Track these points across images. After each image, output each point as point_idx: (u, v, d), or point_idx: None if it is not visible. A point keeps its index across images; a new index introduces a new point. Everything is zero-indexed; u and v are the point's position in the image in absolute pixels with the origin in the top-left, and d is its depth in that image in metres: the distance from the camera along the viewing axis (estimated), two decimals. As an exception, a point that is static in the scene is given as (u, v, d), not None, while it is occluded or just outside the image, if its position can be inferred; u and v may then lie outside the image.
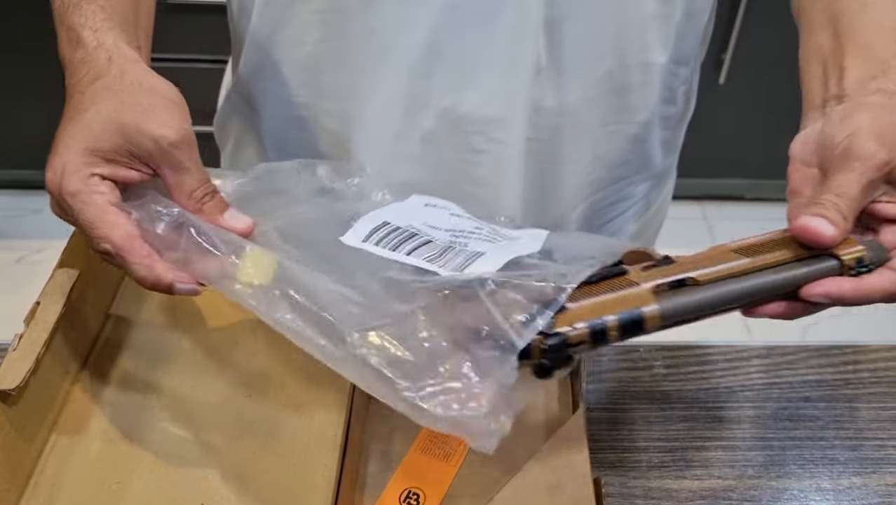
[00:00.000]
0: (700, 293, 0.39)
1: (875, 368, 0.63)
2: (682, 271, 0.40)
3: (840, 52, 0.49)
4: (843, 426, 0.59)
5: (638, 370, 0.63)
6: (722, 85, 1.81)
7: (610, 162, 0.66)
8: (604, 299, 0.38)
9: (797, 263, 0.41)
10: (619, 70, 0.60)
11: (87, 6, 0.47)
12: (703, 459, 0.57)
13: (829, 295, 0.41)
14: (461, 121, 0.59)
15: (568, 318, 0.38)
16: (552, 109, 0.59)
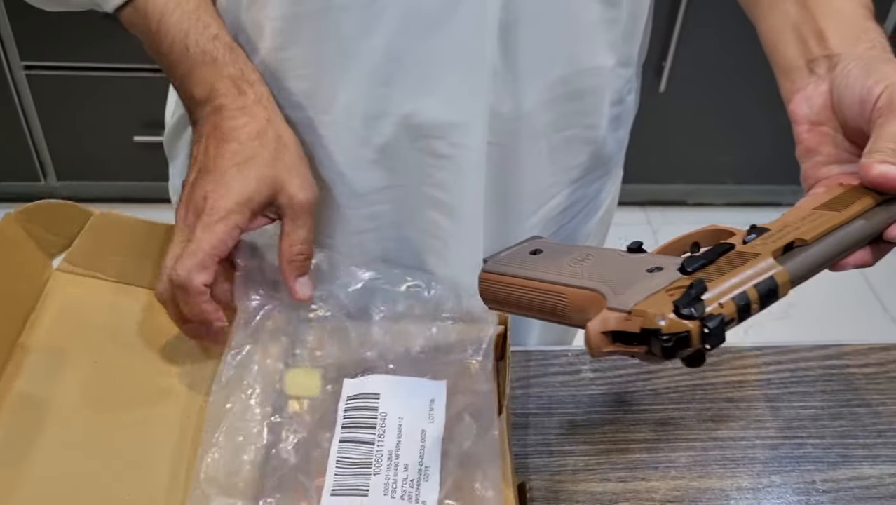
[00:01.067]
0: (814, 250, 0.40)
1: (795, 369, 0.64)
2: (786, 236, 0.41)
3: (811, 18, 0.53)
4: (764, 426, 0.60)
5: (565, 375, 0.63)
6: (662, 93, 1.84)
7: (566, 165, 0.67)
8: (739, 276, 0.37)
9: (877, 207, 0.44)
10: (571, 75, 0.61)
11: (238, 53, 0.56)
12: (626, 461, 0.57)
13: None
14: (422, 126, 0.59)
15: (713, 298, 0.36)
16: (509, 114, 0.60)
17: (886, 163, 0.44)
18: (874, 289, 1.94)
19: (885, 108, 0.47)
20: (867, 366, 0.65)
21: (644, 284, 0.39)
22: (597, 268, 0.42)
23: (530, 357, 0.64)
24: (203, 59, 0.55)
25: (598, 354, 0.38)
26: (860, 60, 0.50)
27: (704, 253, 0.41)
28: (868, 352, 0.66)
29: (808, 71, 0.53)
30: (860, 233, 0.43)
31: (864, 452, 0.59)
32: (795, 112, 0.52)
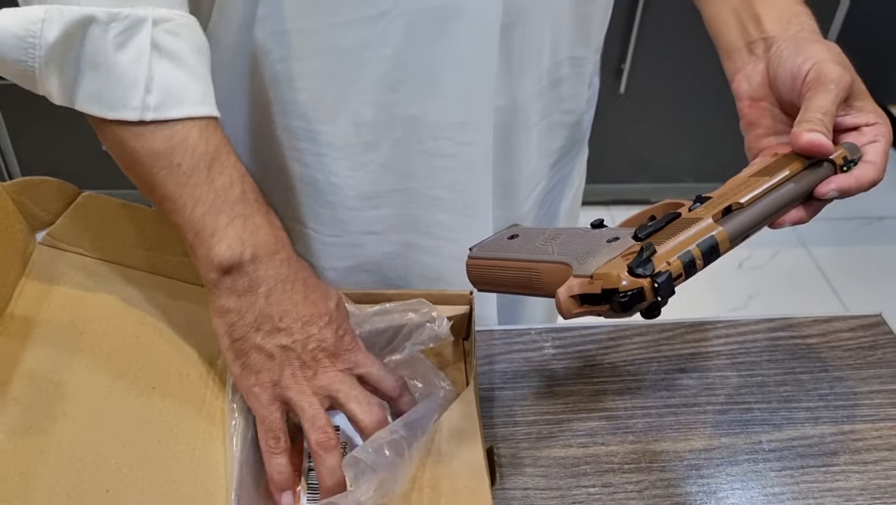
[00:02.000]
0: (749, 212, 0.46)
1: (743, 341, 0.69)
2: (725, 201, 0.46)
3: (749, 4, 0.59)
4: (715, 393, 0.64)
5: (529, 351, 0.67)
6: (623, 94, 1.89)
7: (549, 149, 0.72)
8: (682, 237, 0.44)
9: (805, 171, 0.50)
10: (553, 65, 0.65)
11: None
12: (587, 428, 0.61)
13: (840, 188, 0.50)
14: (430, 127, 0.61)
15: (661, 258, 0.42)
16: (505, 109, 0.64)
17: (814, 131, 0.50)
18: (830, 281, 2.01)
19: (813, 83, 0.52)
20: (809, 337, 0.69)
21: (603, 252, 0.44)
22: (564, 244, 0.48)
23: (495, 336, 0.68)
24: (259, 208, 0.51)
25: (569, 315, 0.44)
26: (791, 42, 0.56)
27: (655, 221, 0.46)
28: (811, 324, 0.71)
29: (747, 52, 0.58)
30: (790, 194, 0.48)
31: (806, 414, 0.63)
32: (737, 89, 0.58)
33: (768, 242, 2.09)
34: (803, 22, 0.58)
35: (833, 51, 0.54)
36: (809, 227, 2.19)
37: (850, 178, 0.51)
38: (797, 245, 2.11)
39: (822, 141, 0.50)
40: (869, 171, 0.52)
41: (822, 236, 2.13)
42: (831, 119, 0.52)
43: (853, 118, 0.54)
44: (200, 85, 0.50)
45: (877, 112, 0.55)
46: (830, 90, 0.52)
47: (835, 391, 0.65)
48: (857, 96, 0.54)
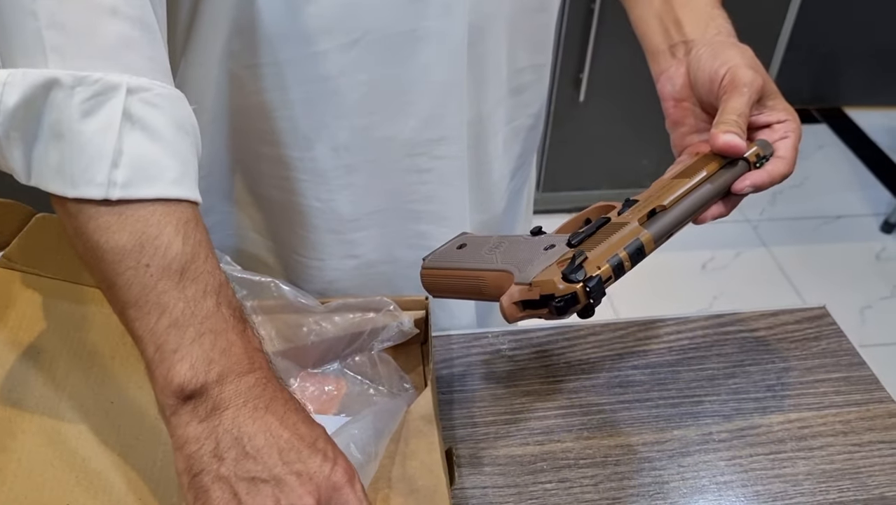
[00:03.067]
0: (672, 213, 0.50)
1: (693, 337, 0.71)
2: (650, 205, 0.50)
3: (670, 8, 0.62)
4: (666, 388, 0.66)
5: (486, 354, 0.68)
6: (582, 102, 1.92)
7: (514, 153, 0.74)
8: (611, 241, 0.47)
9: (721, 170, 0.54)
10: (513, 74, 0.68)
11: None
12: (543, 426, 0.63)
13: (754, 184, 0.54)
14: (405, 145, 0.63)
15: (592, 263, 0.46)
16: (473, 121, 0.66)
17: (729, 132, 0.54)
18: (791, 279, 2.05)
19: (729, 86, 0.56)
20: (757, 330, 0.72)
21: (541, 260, 0.48)
22: (507, 252, 0.51)
23: (452, 340, 0.69)
24: (235, 325, 0.43)
25: (512, 320, 0.48)
26: (709, 46, 0.59)
27: (586, 228, 0.50)
28: (759, 318, 0.73)
29: (670, 55, 0.62)
30: (708, 194, 0.53)
31: (755, 404, 0.65)
32: (662, 90, 0.62)
33: (731, 243, 2.14)
34: (720, 25, 0.61)
35: (747, 55, 0.58)
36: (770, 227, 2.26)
37: (763, 174, 0.55)
38: (759, 245, 2.15)
39: (736, 142, 0.54)
40: (780, 166, 0.56)
41: (782, 236, 2.18)
42: (745, 119, 0.55)
43: (766, 116, 0.58)
44: (178, 163, 0.43)
45: (787, 110, 0.58)
46: (744, 93, 0.55)
47: (782, 382, 0.67)
48: (769, 96, 0.58)
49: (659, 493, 0.58)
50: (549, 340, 0.70)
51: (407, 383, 0.60)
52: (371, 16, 0.57)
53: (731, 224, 2.21)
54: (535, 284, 0.46)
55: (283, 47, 0.57)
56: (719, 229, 2.45)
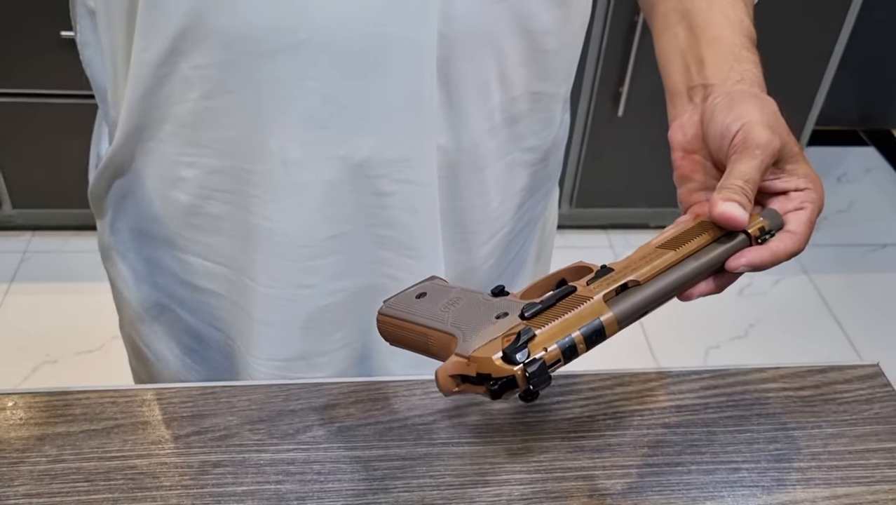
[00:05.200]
0: (643, 292, 0.44)
1: (732, 393, 0.65)
2: (622, 277, 0.45)
3: (696, 44, 0.55)
4: (700, 451, 0.60)
5: (500, 402, 0.63)
6: (621, 117, 1.86)
7: (511, 191, 0.68)
8: (565, 321, 0.42)
9: (714, 244, 0.48)
10: (506, 102, 0.62)
11: None
12: (561, 489, 0.57)
13: (750, 264, 0.48)
14: (362, 166, 0.58)
15: (539, 343, 0.41)
16: (448, 148, 0.60)
17: (730, 200, 0.47)
18: (832, 310, 1.96)
19: (740, 146, 0.49)
20: (803, 389, 0.65)
21: (488, 330, 0.44)
22: (461, 312, 0.47)
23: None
24: None
25: (447, 393, 0.44)
26: (726, 96, 0.52)
27: (545, 298, 0.45)
28: (805, 375, 0.67)
29: (687, 98, 0.55)
30: (692, 272, 0.46)
31: (797, 475, 0.59)
32: (672, 138, 0.55)
33: (771, 269, 2.05)
34: (745, 70, 0.54)
35: (767, 110, 0.51)
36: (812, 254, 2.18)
37: (763, 252, 0.49)
38: (799, 272, 2.07)
39: (735, 213, 0.47)
40: (787, 244, 0.49)
41: (825, 263, 2.09)
42: (753, 186, 0.49)
43: (783, 182, 0.51)
44: None
45: (808, 177, 0.52)
46: (756, 156, 0.49)
47: (828, 450, 0.61)
48: (789, 159, 0.51)
49: (687, 575, 0.52)
50: (573, 389, 0.64)
51: None
52: (320, 14, 0.52)
53: (771, 248, 2.13)
54: (473, 359, 0.42)
55: (230, 45, 0.53)
56: (758, 253, 2.38)
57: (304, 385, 0.63)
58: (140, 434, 0.59)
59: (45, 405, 0.61)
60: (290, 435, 0.60)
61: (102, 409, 0.61)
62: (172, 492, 0.55)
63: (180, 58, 0.55)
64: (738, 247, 0.48)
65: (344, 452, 0.58)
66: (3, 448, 0.57)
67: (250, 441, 0.59)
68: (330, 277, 0.64)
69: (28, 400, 0.61)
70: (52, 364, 1.68)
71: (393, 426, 0.60)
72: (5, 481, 0.55)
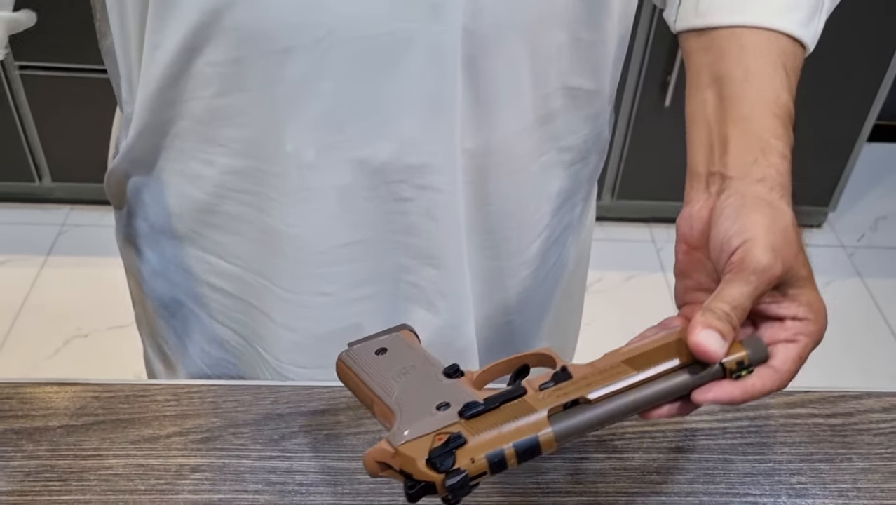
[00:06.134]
0: (591, 412, 0.42)
1: (755, 417, 0.60)
2: (575, 392, 0.42)
3: (723, 119, 0.49)
4: (714, 480, 0.55)
5: (503, 416, 0.59)
6: (668, 107, 1.79)
7: (548, 194, 0.64)
8: (501, 431, 0.41)
9: (682, 369, 0.44)
10: (539, 99, 0.57)
11: None
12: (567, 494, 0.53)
13: (718, 400, 0.43)
14: (380, 171, 0.55)
15: (468, 451, 0.40)
16: (476, 151, 0.57)
17: (710, 328, 0.42)
18: (885, 316, 1.87)
19: (736, 266, 0.44)
20: (834, 416, 0.60)
21: (424, 422, 0.42)
22: (407, 386, 0.46)
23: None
24: None
25: (373, 475, 0.43)
26: (740, 197, 0.46)
27: (489, 398, 0.43)
28: (837, 400, 0.61)
29: (705, 184, 0.49)
30: (647, 398, 0.43)
31: (821, 514, 0.54)
32: (679, 228, 0.49)
33: (821, 270, 1.95)
34: (770, 166, 0.47)
35: (777, 225, 0.45)
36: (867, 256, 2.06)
37: (734, 389, 0.43)
38: (852, 275, 1.97)
39: (710, 348, 0.42)
40: (765, 382, 0.44)
41: (880, 267, 1.99)
42: (742, 314, 0.43)
43: (781, 308, 0.46)
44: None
45: (811, 306, 0.46)
46: (750, 282, 0.43)
47: (858, 486, 0.55)
48: (792, 283, 0.45)
49: None
50: (580, 405, 0.60)
51: None
52: (338, 11, 0.48)
53: (824, 249, 2.04)
54: (399, 453, 0.41)
55: (246, 42, 0.50)
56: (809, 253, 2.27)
57: (295, 387, 0.60)
58: (120, 432, 0.57)
59: (25, 397, 0.59)
60: (274, 441, 0.57)
61: (84, 403, 0.58)
62: (146, 497, 0.53)
63: (195, 54, 0.53)
64: (709, 378, 0.44)
65: (329, 463, 0.55)
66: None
67: (232, 445, 0.56)
68: (348, 285, 0.61)
69: (7, 391, 0.59)
70: (83, 338, 1.69)
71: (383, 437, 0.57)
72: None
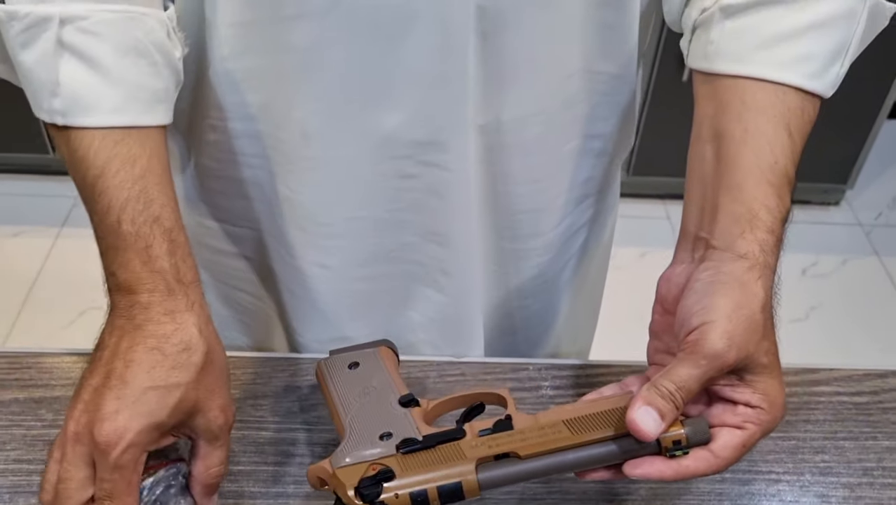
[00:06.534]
0: (518, 468, 0.44)
1: (778, 394, 0.59)
2: (509, 444, 0.44)
3: (717, 182, 0.48)
4: (737, 457, 0.55)
5: (524, 391, 0.58)
6: (686, 82, 1.76)
7: (573, 183, 0.62)
8: (429, 472, 0.43)
9: (619, 439, 0.44)
10: (560, 80, 0.56)
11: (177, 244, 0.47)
12: (579, 490, 0.53)
13: (648, 477, 0.44)
14: (386, 144, 0.55)
15: (395, 486, 0.43)
16: (489, 128, 0.55)
17: (650, 406, 0.42)
18: (902, 294, 1.85)
19: (690, 347, 0.43)
20: (860, 394, 0.59)
21: (365, 449, 0.45)
22: (364, 408, 0.49)
23: (487, 369, 0.60)
24: (135, 242, 0.45)
25: (314, 488, 0.46)
26: (715, 273, 0.45)
27: (427, 436, 0.45)
28: (862, 378, 0.60)
29: (692, 246, 0.48)
30: (574, 463, 0.44)
31: (845, 492, 0.53)
32: (658, 288, 0.49)
33: (838, 248, 1.95)
34: (755, 241, 0.45)
35: (741, 312, 0.43)
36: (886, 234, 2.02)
37: (666, 468, 0.43)
38: (870, 253, 1.95)
39: (643, 427, 0.42)
40: (700, 466, 0.44)
41: (898, 245, 1.97)
42: (686, 396, 0.43)
43: (734, 392, 0.45)
44: (119, 90, 0.46)
45: (767, 395, 0.44)
46: (700, 366, 0.43)
47: (883, 465, 0.55)
48: (751, 369, 0.44)
49: None
50: (599, 380, 0.59)
51: None
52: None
53: (841, 227, 2.02)
54: (334, 476, 0.44)
55: (259, 5, 0.50)
56: (826, 231, 2.25)
57: (314, 360, 0.60)
58: (139, 403, 0.56)
59: (45, 366, 0.59)
60: (293, 413, 0.57)
61: (103, 374, 0.58)
62: (166, 467, 0.52)
63: (211, 7, 0.52)
64: (643, 452, 0.44)
65: (348, 436, 0.55)
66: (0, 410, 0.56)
67: (251, 417, 0.56)
68: (349, 261, 0.61)
69: (27, 360, 0.59)
70: (97, 310, 1.69)
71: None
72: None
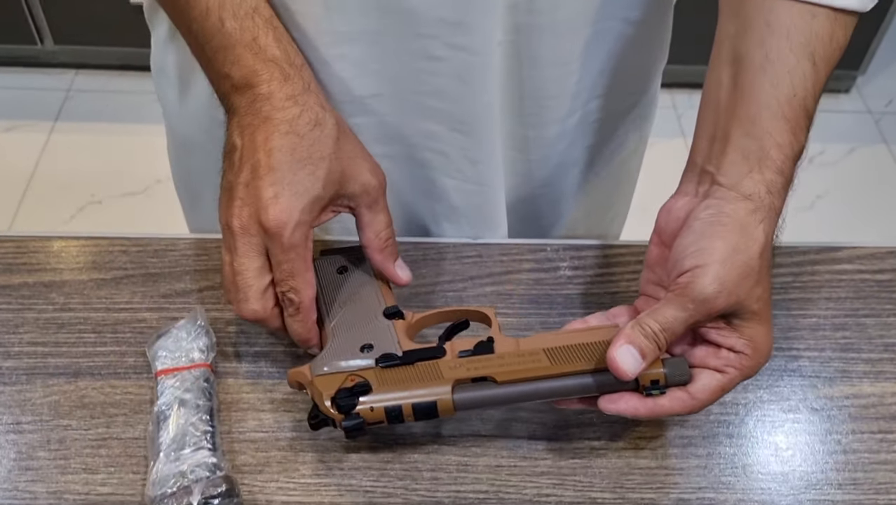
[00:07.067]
0: (493, 392, 0.44)
1: (800, 273, 0.58)
2: (487, 368, 0.44)
3: (731, 111, 0.46)
4: (757, 335, 0.54)
5: (541, 272, 0.57)
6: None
7: (600, 68, 0.58)
8: (406, 388, 0.43)
9: (597, 372, 0.44)
10: None
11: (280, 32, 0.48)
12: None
13: (621, 413, 0.44)
14: (411, 22, 0.51)
15: (371, 400, 0.43)
16: (520, 5, 0.52)
17: (631, 345, 0.42)
18: (909, 183, 1.84)
19: (679, 288, 0.43)
20: (882, 272, 0.58)
21: (344, 361, 0.45)
22: (345, 318, 0.48)
23: (505, 250, 0.59)
24: (241, 36, 0.47)
25: (293, 388, 0.47)
26: (715, 213, 0.44)
27: (407, 353, 0.45)
28: (886, 256, 0.59)
29: (697, 178, 0.47)
30: (549, 391, 0.44)
31: (865, 367, 0.53)
32: (658, 218, 0.48)
33: (846, 137, 1.91)
34: (763, 181, 0.44)
35: (738, 258, 0.42)
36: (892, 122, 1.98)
37: (640, 405, 0.44)
38: (878, 141, 1.92)
39: (622, 365, 0.42)
40: (675, 406, 0.44)
41: (907, 133, 1.94)
42: (670, 337, 0.43)
43: (720, 335, 0.44)
44: None
45: (752, 341, 0.44)
46: (687, 308, 0.43)
47: (904, 341, 0.54)
48: (742, 315, 0.44)
49: (734, 466, 0.48)
50: (619, 260, 0.58)
51: None
52: None
53: (850, 115, 1.98)
54: (313, 384, 0.44)
55: None
56: (835, 119, 2.20)
57: (327, 245, 0.59)
58: (151, 286, 0.55)
59: (53, 251, 0.58)
60: (308, 295, 0.55)
61: (112, 258, 0.57)
62: (182, 349, 0.52)
63: None
64: (620, 388, 0.44)
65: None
66: (9, 294, 0.55)
67: (266, 299, 0.55)
68: (371, 138, 0.58)
69: (35, 245, 0.58)
70: (96, 204, 1.68)
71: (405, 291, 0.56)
72: (10, 328, 0.53)
